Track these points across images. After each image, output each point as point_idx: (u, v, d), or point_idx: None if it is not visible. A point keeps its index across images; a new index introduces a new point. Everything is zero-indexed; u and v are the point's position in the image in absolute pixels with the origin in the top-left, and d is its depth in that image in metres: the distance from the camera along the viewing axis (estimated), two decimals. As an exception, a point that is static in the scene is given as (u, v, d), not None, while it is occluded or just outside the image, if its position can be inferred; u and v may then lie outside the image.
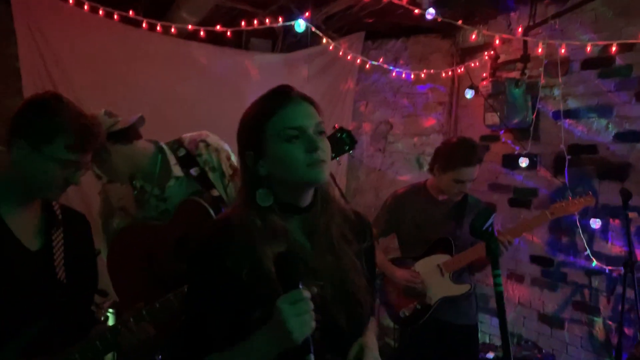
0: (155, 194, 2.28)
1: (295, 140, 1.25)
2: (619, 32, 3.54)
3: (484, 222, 1.32)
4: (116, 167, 2.20)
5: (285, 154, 1.25)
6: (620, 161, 3.54)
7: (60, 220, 1.69)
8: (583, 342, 3.77)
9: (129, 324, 1.68)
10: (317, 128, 1.28)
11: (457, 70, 4.84)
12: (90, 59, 3.97)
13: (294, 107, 1.28)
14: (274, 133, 1.26)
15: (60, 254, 1.64)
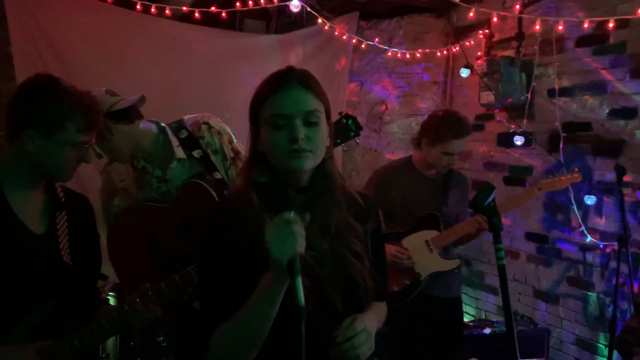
0: (156, 175, 2.28)
1: (280, 128, 1.27)
2: (613, 8, 3.54)
3: (485, 197, 1.35)
4: (118, 146, 2.19)
5: (270, 140, 1.28)
6: (614, 138, 3.58)
7: (64, 203, 1.71)
8: (577, 317, 3.84)
9: (137, 305, 1.70)
10: (307, 117, 1.28)
11: (452, 50, 4.84)
12: (83, 42, 3.94)
13: (286, 93, 1.28)
14: (265, 118, 1.30)
15: (64, 237, 1.66)
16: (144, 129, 2.28)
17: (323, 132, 1.31)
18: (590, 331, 3.74)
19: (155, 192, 2.30)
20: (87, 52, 3.96)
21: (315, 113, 1.29)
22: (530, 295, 4.23)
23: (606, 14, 3.53)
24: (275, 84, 1.30)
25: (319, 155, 1.31)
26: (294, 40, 4.86)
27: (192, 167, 2.28)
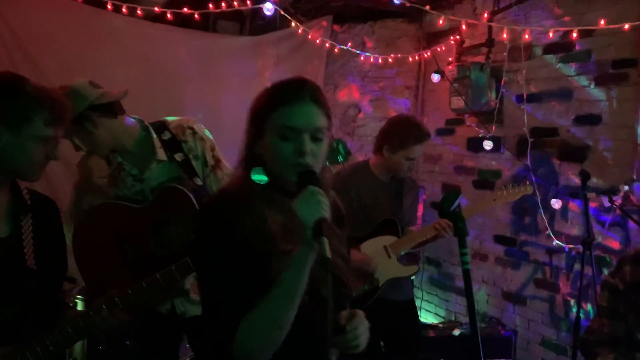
0: (133, 173, 2.25)
1: (288, 139, 1.31)
2: (579, 17, 3.64)
3: (451, 203, 1.37)
4: (99, 140, 2.17)
5: (276, 148, 1.32)
6: (579, 143, 3.67)
7: (29, 205, 1.67)
8: (544, 318, 3.93)
9: (102, 311, 1.67)
10: (315, 133, 1.33)
11: (424, 55, 4.90)
12: (52, 41, 3.87)
13: (299, 107, 1.32)
14: (273, 126, 1.33)
15: (29, 240, 1.63)
16: (128, 125, 2.26)
17: (325, 148, 1.37)
18: (556, 332, 3.83)
19: (127, 190, 2.27)
20: (57, 51, 3.89)
21: (323, 130, 1.34)
22: (498, 297, 4.31)
23: (572, 23, 3.63)
24: (289, 95, 1.34)
25: (318, 170, 1.35)
26: (267, 43, 4.85)
27: (172, 170, 2.27)
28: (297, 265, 1.22)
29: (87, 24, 3.97)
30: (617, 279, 1.98)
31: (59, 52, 3.90)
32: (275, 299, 1.24)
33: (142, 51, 4.28)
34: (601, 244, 3.46)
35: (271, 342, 1.26)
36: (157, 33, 4.31)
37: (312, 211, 1.20)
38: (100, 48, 4.08)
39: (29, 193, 1.70)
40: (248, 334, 1.24)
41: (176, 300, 2.30)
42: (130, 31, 4.16)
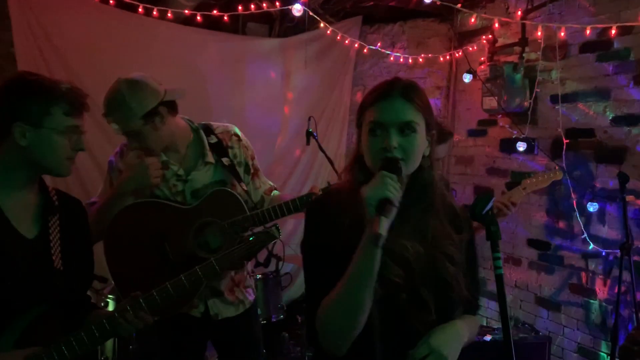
0: (178, 173, 2.26)
1: (376, 134, 1.36)
2: (617, 14, 3.52)
3: (484, 206, 1.33)
4: (161, 137, 2.18)
5: (367, 144, 1.38)
6: (617, 145, 3.55)
7: (57, 206, 1.68)
8: (579, 324, 3.81)
9: (127, 313, 1.67)
10: (402, 127, 1.35)
11: (455, 55, 4.82)
12: (85, 44, 3.94)
13: (387, 103, 1.37)
14: (366, 122, 1.39)
15: (56, 241, 1.63)
16: (183, 125, 2.29)
17: (419, 141, 1.38)
18: (592, 339, 3.71)
19: (168, 190, 2.26)
20: (90, 54, 3.96)
21: (411, 124, 1.36)
22: (531, 302, 4.20)
23: (610, 20, 3.51)
24: (379, 92, 1.39)
25: (413, 163, 1.38)
26: (296, 44, 4.85)
27: (217, 173, 2.28)
28: (365, 246, 1.24)
29: (119, 27, 4.02)
30: None
31: (91, 55, 3.96)
32: (348, 283, 1.27)
33: (173, 53, 4.32)
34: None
35: (348, 325, 1.28)
36: (188, 35, 4.35)
37: (376, 192, 1.23)
38: (131, 51, 4.14)
39: (56, 194, 1.71)
40: (324, 319, 1.31)
41: (210, 301, 2.29)
42: (161, 34, 4.21)
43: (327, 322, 1.31)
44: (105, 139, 4.15)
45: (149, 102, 2.11)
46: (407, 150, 1.35)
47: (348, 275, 1.27)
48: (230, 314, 2.33)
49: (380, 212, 1.20)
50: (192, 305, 2.26)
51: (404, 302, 1.33)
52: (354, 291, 1.26)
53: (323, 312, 1.31)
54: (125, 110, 2.11)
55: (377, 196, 1.22)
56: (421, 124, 1.38)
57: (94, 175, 4.10)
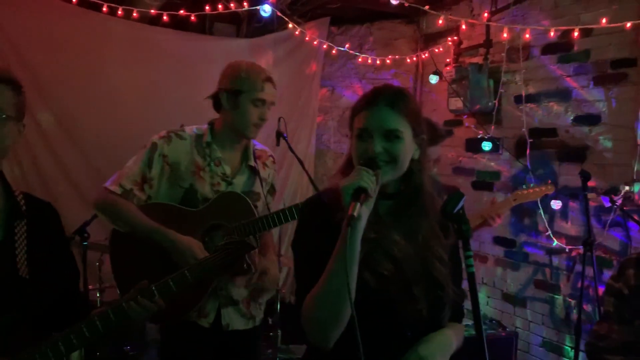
0: (227, 173, 2.27)
1: (362, 139, 1.42)
2: (577, 17, 3.63)
3: (455, 204, 1.34)
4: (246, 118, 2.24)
5: (354, 148, 1.45)
6: (578, 144, 3.66)
7: (24, 211, 1.60)
8: (545, 319, 3.91)
9: (139, 299, 1.62)
10: (387, 134, 1.40)
11: (422, 56, 4.88)
12: (46, 43, 3.85)
13: (372, 111, 1.42)
14: (354, 128, 1.46)
15: (22, 248, 1.54)
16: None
17: (405, 147, 1.42)
18: (556, 333, 3.81)
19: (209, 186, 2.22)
20: (50, 53, 3.87)
21: (395, 132, 1.41)
22: (498, 298, 4.29)
23: (570, 23, 3.62)
24: (367, 100, 1.45)
25: (399, 167, 1.42)
26: (264, 45, 4.83)
27: (251, 183, 2.31)
28: (345, 235, 1.26)
29: (82, 26, 3.94)
30: (621, 283, 1.94)
31: (53, 55, 3.87)
32: (329, 272, 1.30)
33: (138, 54, 4.26)
34: (602, 244, 3.44)
35: (329, 315, 1.30)
36: (153, 35, 4.29)
37: (352, 182, 1.29)
38: (95, 50, 4.06)
39: (24, 197, 1.62)
40: (309, 308, 1.34)
41: (224, 310, 2.23)
42: (126, 33, 4.14)
43: (311, 313, 1.33)
44: (65, 135, 4.07)
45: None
46: (392, 154, 1.40)
47: (330, 265, 1.30)
48: (241, 326, 2.27)
49: (355, 199, 1.26)
50: (202, 314, 2.20)
51: (394, 295, 1.37)
52: (335, 280, 1.28)
53: (307, 304, 1.34)
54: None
55: (352, 185, 1.28)
56: (406, 130, 1.42)
57: (54, 172, 4.02)
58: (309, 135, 5.16)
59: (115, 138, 4.16)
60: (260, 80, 2.15)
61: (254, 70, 2.18)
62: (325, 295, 1.30)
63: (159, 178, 2.19)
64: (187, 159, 2.21)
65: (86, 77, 4.04)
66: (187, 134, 2.26)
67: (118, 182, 2.16)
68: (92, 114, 4.10)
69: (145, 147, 2.22)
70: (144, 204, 2.18)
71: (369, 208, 1.30)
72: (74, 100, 4.05)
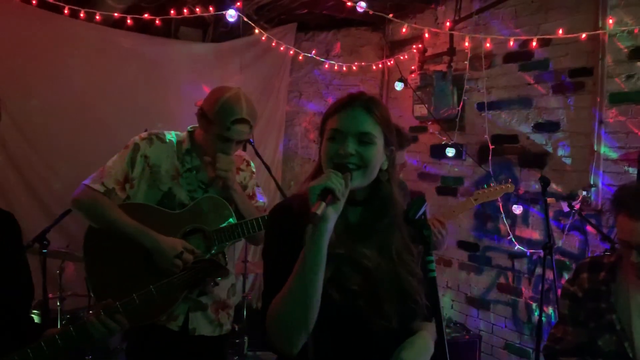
0: (204, 181, 2.25)
1: (334, 141, 1.40)
2: (537, 27, 3.74)
3: (417, 210, 1.36)
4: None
5: (325, 150, 1.42)
6: (538, 150, 3.76)
7: None
8: (507, 322, 3.99)
9: (101, 316, 1.60)
10: (360, 137, 1.39)
11: (387, 63, 4.94)
12: (6, 45, 3.75)
13: (347, 113, 1.42)
14: (326, 130, 1.44)
15: None
16: None
17: (376, 153, 1.41)
18: (519, 336, 3.89)
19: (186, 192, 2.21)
20: (9, 56, 3.77)
21: (370, 135, 1.40)
22: (462, 302, 4.35)
23: (530, 33, 3.72)
24: (342, 102, 1.44)
25: (369, 174, 1.41)
26: (231, 50, 4.81)
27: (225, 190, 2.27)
28: (312, 237, 1.26)
29: (43, 28, 3.86)
30: (575, 286, 2.00)
31: (12, 57, 3.78)
32: (295, 277, 1.29)
33: (102, 57, 4.19)
34: (561, 248, 3.54)
35: (294, 319, 1.28)
36: (117, 39, 4.22)
37: (320, 182, 1.27)
38: (58, 53, 3.98)
39: None
40: (273, 313, 1.32)
41: (192, 314, 2.21)
42: (89, 36, 4.07)
43: (276, 317, 1.31)
44: (23, 140, 3.96)
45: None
46: (364, 158, 1.38)
47: (295, 268, 1.29)
48: (207, 332, 2.25)
49: (321, 199, 1.25)
50: (171, 318, 2.17)
51: (361, 309, 1.35)
52: (300, 283, 1.27)
53: (272, 308, 1.32)
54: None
55: (320, 186, 1.27)
56: (380, 137, 1.42)
57: (11, 178, 3.91)
58: (276, 141, 5.16)
59: (77, 143, 4.08)
60: (229, 122, 2.11)
61: (227, 107, 2.13)
62: (290, 298, 1.29)
63: (139, 179, 2.19)
64: (167, 162, 2.22)
65: (47, 80, 3.95)
66: (167, 137, 2.27)
67: (100, 180, 2.14)
68: (53, 118, 4.02)
69: (127, 147, 2.21)
70: (122, 203, 2.16)
71: (337, 211, 1.28)
72: (34, 104, 3.95)
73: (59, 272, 3.53)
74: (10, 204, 3.66)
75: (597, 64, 3.38)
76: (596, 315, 1.92)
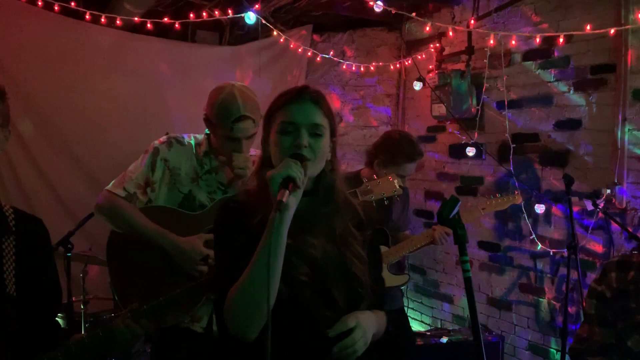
0: (223, 182, 2.25)
1: (288, 134, 1.43)
2: (556, 24, 3.70)
3: (450, 210, 1.35)
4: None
5: (277, 142, 1.44)
6: (560, 148, 3.72)
7: (12, 226, 1.54)
8: (530, 323, 3.94)
9: (127, 321, 1.62)
10: (312, 128, 1.44)
11: (405, 63, 4.92)
12: (26, 51, 3.80)
13: (298, 105, 1.45)
14: (276, 123, 1.46)
15: (10, 265, 1.49)
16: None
17: (325, 144, 1.47)
18: (542, 337, 3.85)
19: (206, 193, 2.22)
20: (32, 62, 3.82)
21: (320, 127, 1.45)
22: (484, 302, 4.31)
23: (550, 30, 3.68)
24: (290, 96, 1.47)
25: (319, 165, 1.46)
26: (248, 52, 4.82)
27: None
28: (271, 225, 1.28)
29: (65, 34, 3.90)
30: (603, 286, 1.97)
31: (35, 63, 3.82)
32: (254, 263, 1.31)
33: (121, 62, 4.23)
34: (585, 247, 3.50)
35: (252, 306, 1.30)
36: (136, 43, 4.25)
37: (280, 172, 1.31)
38: (79, 59, 4.02)
39: (13, 212, 1.56)
40: (231, 301, 1.34)
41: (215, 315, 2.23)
42: (109, 42, 4.11)
43: (234, 303, 1.33)
44: (47, 145, 4.01)
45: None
46: (315, 151, 1.43)
47: (255, 256, 1.31)
48: None
49: (284, 187, 1.28)
50: (195, 319, 2.18)
51: (309, 299, 1.38)
52: (258, 270, 1.29)
53: (231, 295, 1.34)
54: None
55: (281, 174, 1.30)
56: (327, 128, 1.48)
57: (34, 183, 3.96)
58: (293, 142, 5.16)
59: (98, 147, 4.12)
60: (230, 122, 2.10)
61: (224, 108, 2.11)
62: (250, 284, 1.31)
63: (160, 182, 2.21)
64: (186, 165, 2.23)
65: (68, 85, 3.99)
66: (186, 140, 2.28)
67: (121, 185, 2.17)
68: (74, 123, 4.06)
69: (147, 152, 2.23)
70: (144, 206, 2.18)
71: (297, 199, 1.32)
72: (55, 109, 4.00)
73: (82, 276, 3.56)
74: (34, 207, 3.70)
75: (620, 60, 3.33)
76: (625, 315, 1.89)
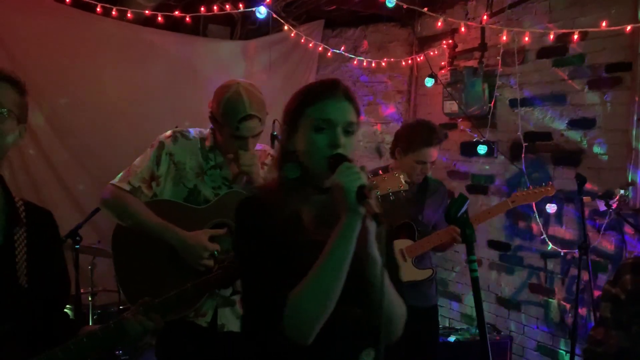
0: (228, 177, 2.24)
1: (322, 131, 1.37)
2: (572, 21, 3.64)
3: (458, 208, 1.33)
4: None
5: (310, 141, 1.38)
6: (573, 147, 3.67)
7: (24, 218, 1.56)
8: (539, 323, 3.90)
9: (138, 316, 1.62)
10: (347, 127, 1.39)
11: (417, 59, 4.88)
12: (37, 43, 3.82)
13: (333, 102, 1.39)
14: (308, 120, 1.39)
15: (22, 256, 1.51)
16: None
17: (355, 142, 1.44)
18: (551, 337, 3.81)
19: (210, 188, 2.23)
20: (43, 54, 3.83)
21: (354, 125, 1.41)
22: (493, 302, 4.28)
23: (565, 27, 3.62)
24: (323, 91, 1.41)
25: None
26: (259, 47, 4.81)
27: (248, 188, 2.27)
28: (345, 232, 1.25)
29: (76, 27, 3.91)
30: (617, 288, 1.94)
31: (45, 55, 3.83)
32: (324, 268, 1.27)
33: (132, 55, 4.23)
34: (596, 248, 3.45)
35: (321, 311, 1.28)
36: (147, 36, 4.26)
37: (352, 179, 1.25)
38: (88, 51, 4.03)
39: (24, 204, 1.58)
40: (298, 305, 1.28)
41: (221, 310, 2.21)
42: (120, 34, 4.11)
43: (301, 309, 1.29)
44: (56, 137, 4.03)
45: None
46: (348, 149, 1.39)
47: (323, 261, 1.27)
48: (236, 328, 2.24)
49: (364, 197, 1.23)
50: (199, 314, 2.18)
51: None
52: (331, 275, 1.27)
53: (296, 300, 1.29)
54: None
55: (356, 184, 1.25)
56: (358, 125, 1.44)
57: (44, 175, 3.98)
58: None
59: (107, 140, 4.13)
60: (236, 121, 2.09)
61: (230, 108, 2.10)
62: (319, 290, 1.28)
63: (165, 176, 2.21)
64: (192, 159, 2.23)
65: (78, 78, 4.00)
66: (192, 135, 2.27)
67: (127, 179, 2.17)
68: (84, 115, 4.07)
69: (152, 146, 2.23)
70: (149, 200, 2.18)
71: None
72: (65, 102, 4.02)
73: (91, 268, 3.58)
74: (44, 199, 3.72)
75: (636, 59, 3.27)
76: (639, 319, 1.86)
